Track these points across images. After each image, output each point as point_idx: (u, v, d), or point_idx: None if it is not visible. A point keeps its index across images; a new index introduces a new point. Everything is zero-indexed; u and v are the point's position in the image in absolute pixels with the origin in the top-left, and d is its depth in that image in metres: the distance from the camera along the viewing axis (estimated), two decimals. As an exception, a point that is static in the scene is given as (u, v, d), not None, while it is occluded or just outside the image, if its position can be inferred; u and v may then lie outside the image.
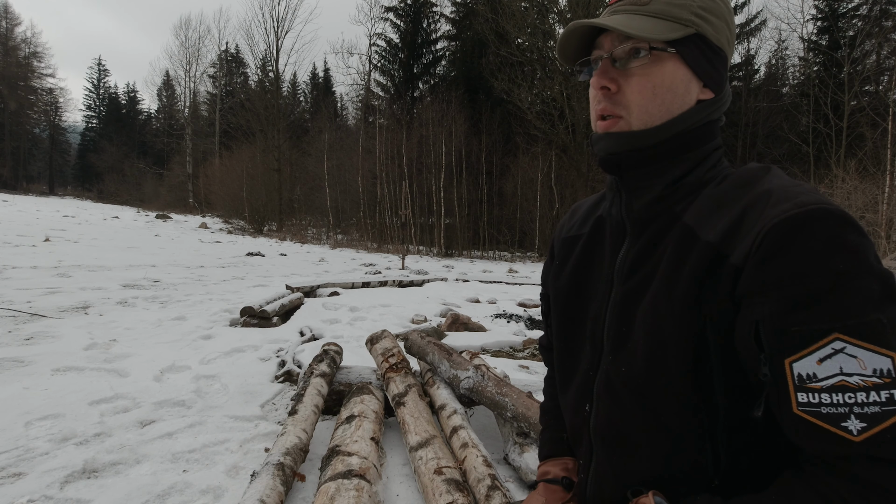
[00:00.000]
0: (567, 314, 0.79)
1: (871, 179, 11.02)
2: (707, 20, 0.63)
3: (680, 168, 0.66)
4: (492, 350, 4.46)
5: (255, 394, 2.95)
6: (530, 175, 19.60)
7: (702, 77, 0.65)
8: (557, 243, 0.87)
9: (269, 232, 24.54)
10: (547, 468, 0.86)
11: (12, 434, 2.22)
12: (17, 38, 46.85)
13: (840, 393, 0.47)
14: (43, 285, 5.77)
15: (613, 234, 0.73)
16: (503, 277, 10.82)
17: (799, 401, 0.49)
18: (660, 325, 0.60)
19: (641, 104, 0.63)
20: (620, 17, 0.63)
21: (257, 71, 32.71)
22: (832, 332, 0.47)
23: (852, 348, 0.47)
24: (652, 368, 0.61)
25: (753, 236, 0.53)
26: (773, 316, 0.50)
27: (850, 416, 0.46)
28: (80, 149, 56.85)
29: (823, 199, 0.52)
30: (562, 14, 19.94)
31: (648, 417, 0.62)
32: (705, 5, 0.64)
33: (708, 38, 0.64)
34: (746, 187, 0.60)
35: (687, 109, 0.65)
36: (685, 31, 0.62)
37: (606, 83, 0.64)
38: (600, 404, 0.69)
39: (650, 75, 0.62)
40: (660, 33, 0.61)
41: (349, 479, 1.59)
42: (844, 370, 0.47)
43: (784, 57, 24.17)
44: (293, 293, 5.89)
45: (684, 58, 0.63)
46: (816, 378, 0.48)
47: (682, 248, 0.61)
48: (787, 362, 0.49)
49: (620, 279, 0.68)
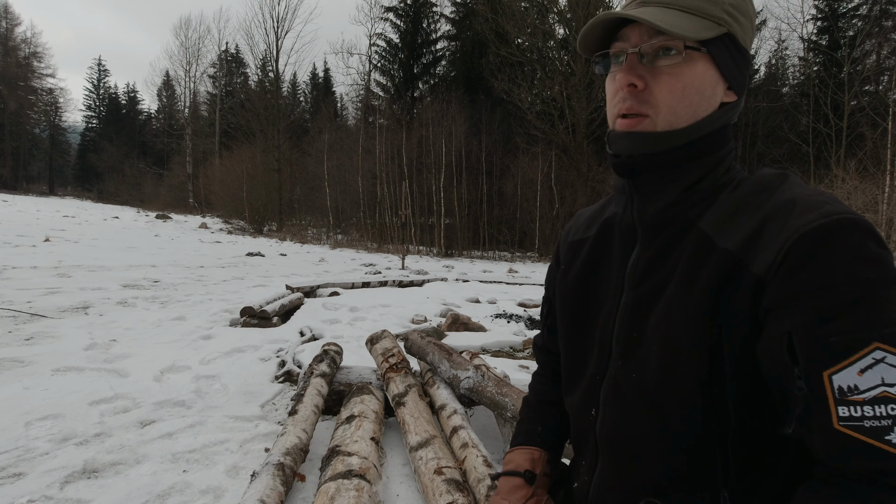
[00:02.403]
0: (574, 318, 0.77)
1: (871, 179, 11.02)
2: (737, 20, 0.61)
3: (696, 173, 0.63)
4: (492, 350, 4.46)
5: (255, 394, 2.95)
6: (530, 175, 19.60)
7: (728, 79, 0.62)
8: (563, 247, 0.85)
9: (269, 232, 24.54)
10: (512, 457, 0.84)
11: (12, 434, 2.22)
12: (17, 38, 46.94)
13: (883, 405, 0.45)
14: (43, 285, 5.77)
15: (623, 239, 0.71)
16: (503, 277, 10.82)
17: (840, 415, 0.47)
18: (674, 332, 0.59)
19: (670, 104, 0.60)
20: (653, 10, 0.59)
21: (257, 71, 32.78)
22: (872, 342, 0.46)
23: (893, 357, 0.45)
24: (664, 375, 0.60)
25: (778, 247, 0.52)
26: (806, 327, 0.49)
27: (895, 429, 0.45)
28: (80, 149, 56.86)
29: (848, 210, 0.51)
30: (562, 14, 19.95)
31: (657, 424, 0.61)
32: (736, 3, 0.61)
33: (737, 38, 0.61)
34: (765, 194, 0.59)
35: (711, 112, 0.62)
36: (718, 30, 0.59)
37: (634, 80, 0.61)
38: (607, 409, 0.68)
39: (681, 75, 0.60)
40: (695, 31, 0.58)
41: (349, 479, 1.59)
42: (886, 381, 0.45)
43: (784, 57, 24.19)
44: (293, 293, 5.89)
45: (715, 58, 0.60)
46: (858, 390, 0.46)
47: (699, 255, 0.59)
48: (826, 375, 0.47)
49: (632, 284, 0.66)
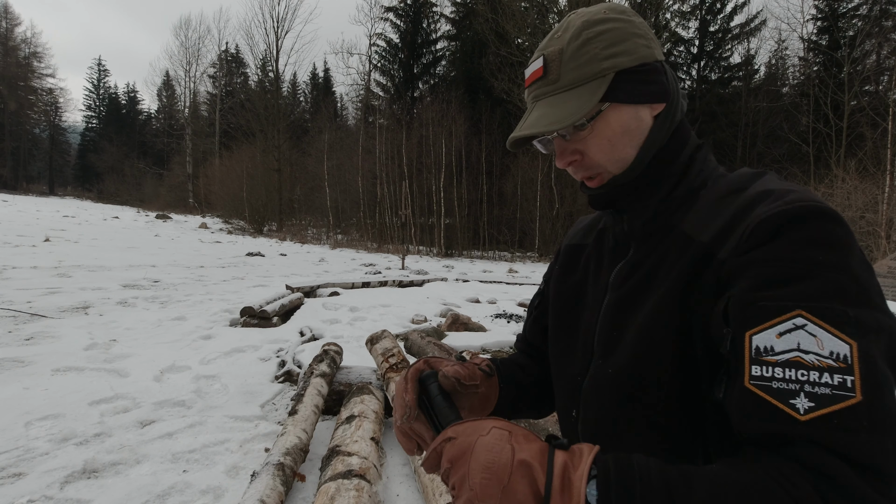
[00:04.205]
0: (562, 321, 0.80)
1: (871, 179, 11.03)
2: (618, 55, 0.62)
3: (668, 182, 0.67)
4: (492, 350, 4.46)
5: (255, 394, 2.95)
6: (530, 175, 19.61)
7: (644, 100, 0.64)
8: (563, 249, 0.89)
9: (269, 232, 24.55)
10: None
11: (12, 434, 2.22)
12: (17, 38, 47.00)
13: (794, 369, 0.46)
14: (43, 285, 5.77)
15: (616, 248, 0.74)
16: (503, 277, 10.82)
17: (752, 374, 0.48)
18: (647, 322, 0.61)
19: (609, 157, 0.65)
20: (544, 111, 0.64)
21: (257, 71, 32.84)
22: (797, 309, 0.47)
23: (813, 327, 0.47)
24: (639, 364, 0.61)
25: (741, 231, 0.54)
26: (743, 292, 0.51)
27: (800, 395, 0.46)
28: (80, 149, 56.92)
29: (814, 198, 0.52)
30: (562, 14, 19.93)
31: (638, 416, 0.63)
32: (610, 42, 0.63)
33: (627, 68, 0.63)
34: (740, 192, 0.61)
35: (649, 132, 0.65)
36: (606, 80, 0.62)
37: (570, 158, 0.67)
38: (587, 409, 0.70)
39: (603, 134, 0.64)
40: (586, 105, 0.61)
41: (349, 479, 1.59)
42: (801, 346, 0.47)
43: (784, 57, 24.21)
44: (293, 293, 5.89)
45: (620, 100, 0.63)
46: (773, 351, 0.48)
47: (678, 253, 0.62)
48: (748, 335, 0.49)
49: (614, 286, 0.69)
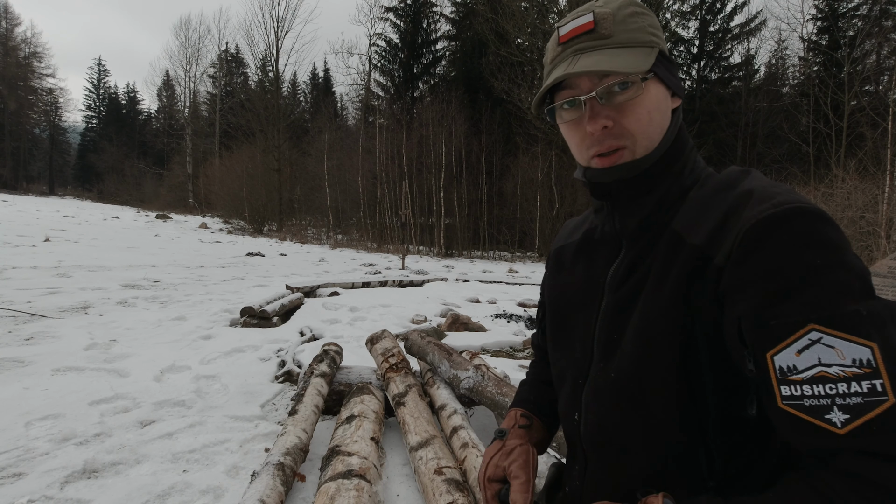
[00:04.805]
0: (559, 324, 0.80)
1: (871, 179, 11.01)
2: (658, 36, 0.66)
3: (667, 181, 0.67)
4: (492, 350, 4.46)
5: (255, 394, 2.95)
6: (530, 175, 19.59)
7: (672, 88, 0.68)
8: (552, 254, 0.90)
9: (269, 232, 24.54)
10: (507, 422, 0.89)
11: (12, 434, 2.22)
12: (17, 38, 46.94)
13: (821, 384, 0.47)
14: (43, 285, 5.77)
15: (607, 247, 0.74)
16: (503, 277, 10.82)
17: (783, 394, 0.49)
18: (648, 327, 0.61)
19: (643, 131, 0.64)
20: (599, 58, 0.63)
21: (257, 71, 32.79)
22: (808, 323, 0.47)
23: (829, 339, 0.46)
24: (640, 370, 0.61)
25: (733, 236, 0.55)
26: (751, 311, 0.51)
27: (833, 408, 0.46)
28: (80, 149, 56.87)
29: (801, 199, 0.53)
30: (562, 14, 19.94)
31: (640, 420, 0.63)
32: (653, 22, 0.67)
33: (664, 51, 0.67)
34: (728, 190, 0.61)
35: (670, 123, 0.67)
36: (653, 53, 0.64)
37: (605, 122, 0.64)
38: (589, 413, 0.70)
39: (643, 103, 0.63)
40: (642, 63, 0.62)
41: (349, 479, 1.60)
42: (823, 360, 0.47)
43: (784, 57, 24.19)
44: (293, 293, 5.89)
45: (660, 77, 0.65)
46: (796, 370, 0.48)
47: (671, 253, 0.62)
48: (769, 356, 0.50)
49: (611, 289, 0.69)
